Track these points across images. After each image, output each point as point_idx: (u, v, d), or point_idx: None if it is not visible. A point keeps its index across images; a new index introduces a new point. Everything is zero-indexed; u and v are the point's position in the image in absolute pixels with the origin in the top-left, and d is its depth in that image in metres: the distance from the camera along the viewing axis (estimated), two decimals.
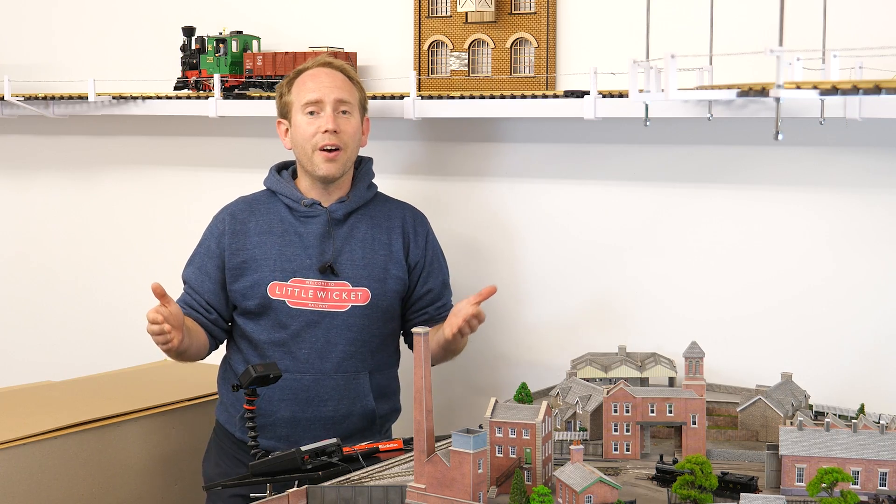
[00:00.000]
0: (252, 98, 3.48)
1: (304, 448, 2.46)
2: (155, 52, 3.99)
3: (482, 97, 3.06)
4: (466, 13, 3.23)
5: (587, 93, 2.85)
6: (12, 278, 4.59)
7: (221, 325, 3.01)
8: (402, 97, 3.17)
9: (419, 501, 2.01)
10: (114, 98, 3.73)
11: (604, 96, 2.83)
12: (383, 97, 3.22)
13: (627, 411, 2.38)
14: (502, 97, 3.02)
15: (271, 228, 2.96)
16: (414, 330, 2.00)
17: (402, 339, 3.15)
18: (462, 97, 3.09)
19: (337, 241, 2.94)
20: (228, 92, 3.52)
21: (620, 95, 2.81)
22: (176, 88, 3.70)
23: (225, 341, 3.08)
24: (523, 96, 2.98)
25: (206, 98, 3.54)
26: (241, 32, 3.57)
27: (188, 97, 3.62)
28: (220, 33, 3.56)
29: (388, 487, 2.08)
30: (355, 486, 2.17)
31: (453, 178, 3.46)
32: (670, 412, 2.36)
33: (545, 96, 2.95)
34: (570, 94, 2.91)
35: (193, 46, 3.64)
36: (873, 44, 2.51)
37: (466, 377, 3.48)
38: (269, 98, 3.38)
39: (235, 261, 2.96)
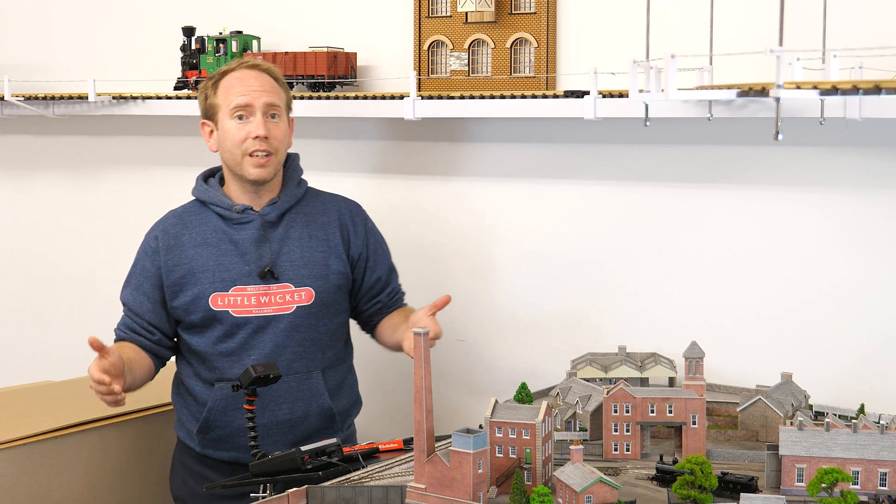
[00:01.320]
0: None
1: (304, 448, 2.47)
2: (155, 52, 3.99)
3: (482, 97, 3.05)
4: (466, 13, 3.23)
5: (587, 93, 2.85)
6: (12, 278, 4.59)
7: (166, 344, 2.96)
8: (401, 97, 3.17)
9: (419, 501, 2.01)
10: (114, 98, 3.73)
11: (604, 96, 2.83)
12: (383, 97, 3.22)
13: (627, 411, 2.38)
14: (502, 97, 3.02)
15: (206, 239, 2.91)
16: (413, 329, 2.01)
17: (360, 328, 3.15)
18: (462, 97, 3.09)
19: (273, 244, 2.90)
20: None
21: (620, 95, 2.81)
22: (176, 88, 3.70)
23: (173, 357, 3.03)
24: (523, 96, 2.98)
25: None
26: (241, 32, 3.56)
27: (188, 97, 3.62)
28: (220, 33, 3.56)
29: (388, 487, 2.08)
30: (355, 486, 2.17)
31: (453, 179, 3.46)
32: (670, 412, 2.36)
33: (545, 96, 2.95)
34: (570, 94, 2.91)
35: (193, 46, 3.64)
36: (873, 44, 2.51)
37: (465, 377, 3.48)
38: None
39: (173, 277, 2.90)
